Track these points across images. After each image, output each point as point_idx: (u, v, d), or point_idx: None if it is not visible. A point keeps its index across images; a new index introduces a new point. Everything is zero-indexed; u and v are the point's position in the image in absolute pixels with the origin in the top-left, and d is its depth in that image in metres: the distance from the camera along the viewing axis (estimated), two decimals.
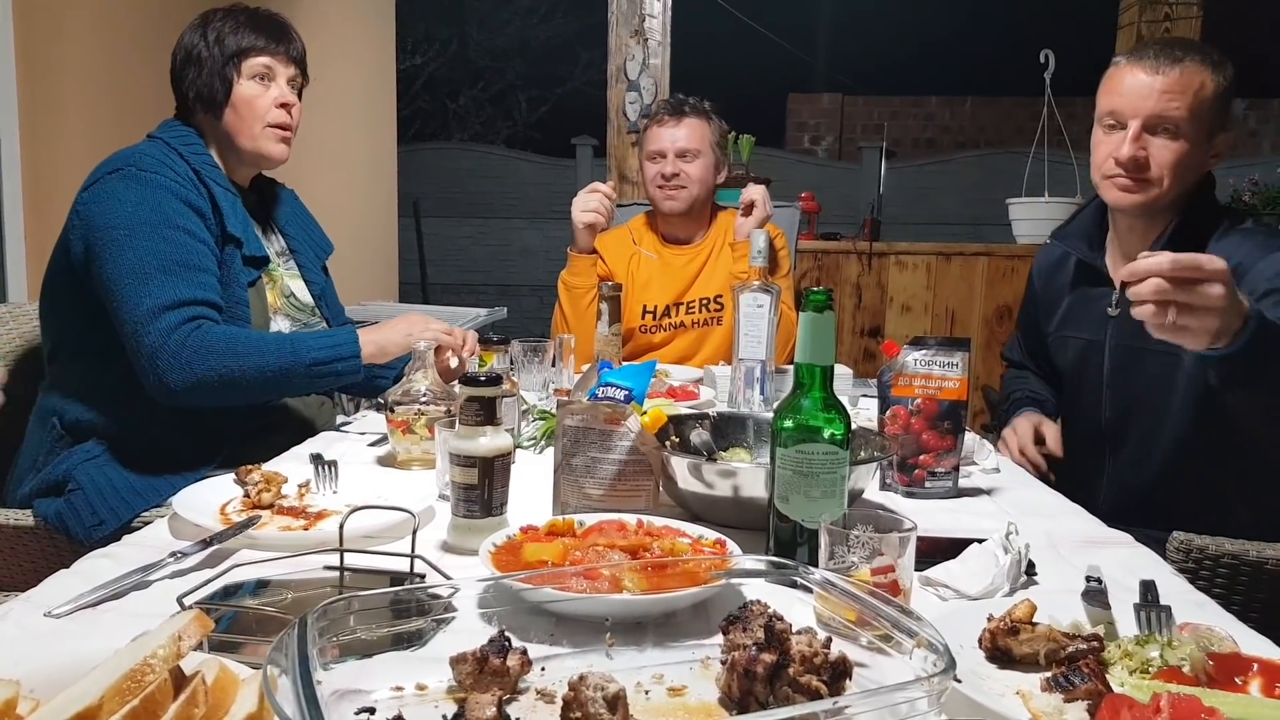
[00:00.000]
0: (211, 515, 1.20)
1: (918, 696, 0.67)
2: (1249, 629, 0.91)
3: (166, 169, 1.62)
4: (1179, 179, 1.58)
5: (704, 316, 2.57)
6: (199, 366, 1.52)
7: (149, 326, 1.52)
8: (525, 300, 10.36)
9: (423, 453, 1.47)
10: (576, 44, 14.55)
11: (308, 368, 1.60)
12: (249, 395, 1.61)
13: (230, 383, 1.54)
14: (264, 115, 1.72)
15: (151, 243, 1.55)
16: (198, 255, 1.59)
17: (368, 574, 1.03)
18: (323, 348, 1.62)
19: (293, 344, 1.60)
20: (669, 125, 2.51)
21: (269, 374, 1.57)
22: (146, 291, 1.53)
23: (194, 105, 1.73)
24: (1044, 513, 1.35)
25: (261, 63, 1.72)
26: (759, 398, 1.83)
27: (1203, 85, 1.55)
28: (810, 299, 1.02)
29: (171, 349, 1.52)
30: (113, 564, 1.04)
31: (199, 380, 1.53)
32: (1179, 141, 1.56)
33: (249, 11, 1.75)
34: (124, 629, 0.85)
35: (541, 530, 1.06)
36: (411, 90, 14.15)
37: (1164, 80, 1.55)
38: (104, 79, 2.70)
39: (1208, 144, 1.59)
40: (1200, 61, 1.55)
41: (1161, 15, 3.73)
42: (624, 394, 1.21)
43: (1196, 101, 1.55)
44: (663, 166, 2.50)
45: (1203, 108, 1.55)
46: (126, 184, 1.59)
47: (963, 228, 9.34)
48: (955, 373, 1.40)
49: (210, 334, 1.55)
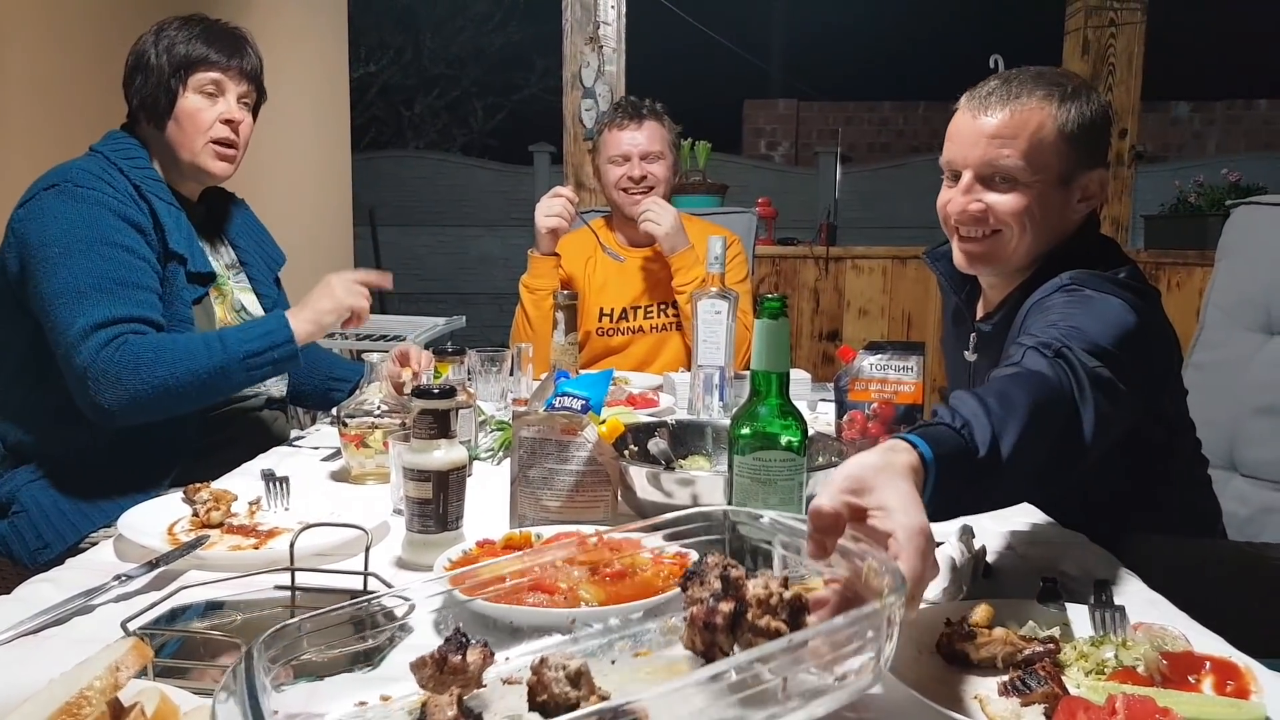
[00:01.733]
0: (158, 536, 1.17)
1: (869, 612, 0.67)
2: (1201, 626, 0.92)
3: (104, 184, 1.58)
4: (1029, 231, 1.38)
5: (663, 321, 2.57)
6: (130, 382, 1.48)
7: (80, 348, 1.48)
8: (484, 309, 10.29)
9: (377, 467, 1.45)
10: (532, 51, 14.51)
11: (242, 361, 1.55)
12: (188, 402, 1.56)
13: (165, 392, 1.50)
14: (206, 130, 1.67)
15: (87, 260, 1.51)
16: (135, 272, 1.55)
17: (320, 593, 1.01)
18: (254, 338, 1.57)
19: (222, 341, 1.55)
20: (630, 129, 2.52)
21: (203, 376, 1.52)
22: (80, 311, 1.49)
23: (139, 114, 1.69)
24: (999, 514, 1.35)
25: (210, 77, 1.67)
26: (718, 404, 1.83)
27: (1041, 126, 1.34)
28: (765, 305, 1.02)
29: (101, 368, 1.47)
30: (55, 589, 1.01)
31: (133, 396, 1.48)
32: (1017, 192, 1.37)
33: (206, 23, 1.71)
34: (66, 656, 0.82)
35: (498, 544, 1.04)
36: (366, 98, 14.02)
37: (994, 124, 1.36)
38: (49, 91, 2.63)
39: (1063, 189, 1.38)
40: (1042, 97, 1.35)
41: (1107, 21, 3.81)
42: (581, 403, 1.21)
43: (1032, 145, 1.34)
44: (629, 169, 2.51)
45: (1045, 151, 1.35)
46: (62, 200, 1.54)
47: (918, 231, 9.43)
48: (911, 376, 1.41)
49: (136, 346, 1.49)
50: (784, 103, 12.48)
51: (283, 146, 3.93)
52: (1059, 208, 1.39)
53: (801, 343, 4.00)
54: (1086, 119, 1.37)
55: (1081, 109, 1.37)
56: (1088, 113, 1.37)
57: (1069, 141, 1.36)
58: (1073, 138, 1.36)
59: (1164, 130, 10.97)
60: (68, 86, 2.69)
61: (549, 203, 2.41)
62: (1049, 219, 1.39)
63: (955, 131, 1.42)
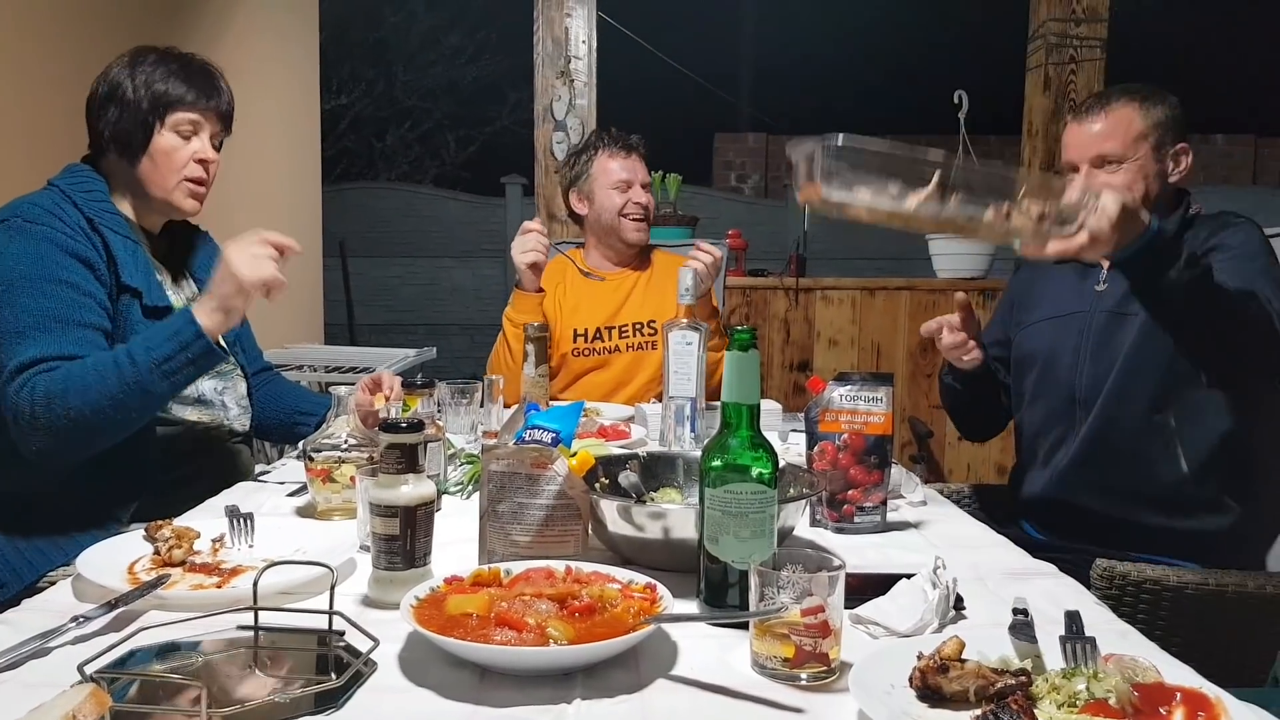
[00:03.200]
0: (118, 575, 1.14)
1: None
2: (1171, 657, 0.92)
3: (54, 219, 1.55)
4: (1138, 191, 1.75)
5: (638, 340, 2.59)
6: (45, 419, 1.43)
7: (5, 390, 1.45)
8: (455, 340, 10.25)
9: (343, 502, 1.43)
10: (504, 84, 14.58)
11: (156, 369, 1.46)
12: (116, 426, 1.49)
13: (83, 422, 1.44)
14: (180, 169, 1.66)
15: (29, 298, 1.48)
16: (78, 310, 1.52)
17: (284, 633, 0.99)
18: (160, 343, 1.48)
19: (130, 356, 1.47)
20: (633, 158, 2.59)
21: (119, 397, 1.45)
22: (15, 351, 1.46)
23: (108, 145, 1.66)
24: (970, 545, 1.36)
25: (188, 117, 1.66)
26: (690, 435, 1.83)
27: (1132, 120, 1.77)
28: (735, 337, 1.02)
29: (21, 409, 1.44)
30: (10, 630, 0.98)
31: (55, 433, 1.43)
32: (1123, 168, 1.77)
33: (182, 59, 1.69)
34: (20, 702, 0.80)
35: (466, 581, 1.03)
36: (337, 130, 14.01)
37: (1102, 126, 1.79)
38: (15, 123, 2.61)
39: (1159, 160, 1.78)
40: (1133, 98, 1.79)
41: (1067, 58, 3.89)
42: (551, 436, 1.19)
43: (1131, 134, 1.77)
44: (634, 195, 2.57)
45: (1137, 137, 1.77)
46: (9, 236, 1.52)
47: (886, 262, 9.54)
48: (880, 407, 1.41)
49: (43, 384, 1.44)
50: (753, 136, 12.64)
51: (253, 177, 3.91)
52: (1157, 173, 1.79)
53: (772, 373, 4.01)
54: (1165, 113, 1.78)
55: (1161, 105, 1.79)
56: (1164, 108, 1.79)
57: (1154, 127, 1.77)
58: (1158, 124, 1.77)
59: None
60: (37, 119, 2.66)
61: (522, 240, 2.42)
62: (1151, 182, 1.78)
63: (1069, 140, 1.84)
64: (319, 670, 0.92)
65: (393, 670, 0.91)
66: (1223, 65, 10.48)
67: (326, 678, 0.87)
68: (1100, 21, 3.90)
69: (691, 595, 1.05)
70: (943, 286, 3.97)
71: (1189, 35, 12.04)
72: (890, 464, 1.44)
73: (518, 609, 0.93)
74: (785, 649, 0.89)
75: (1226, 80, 10.55)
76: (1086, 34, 3.90)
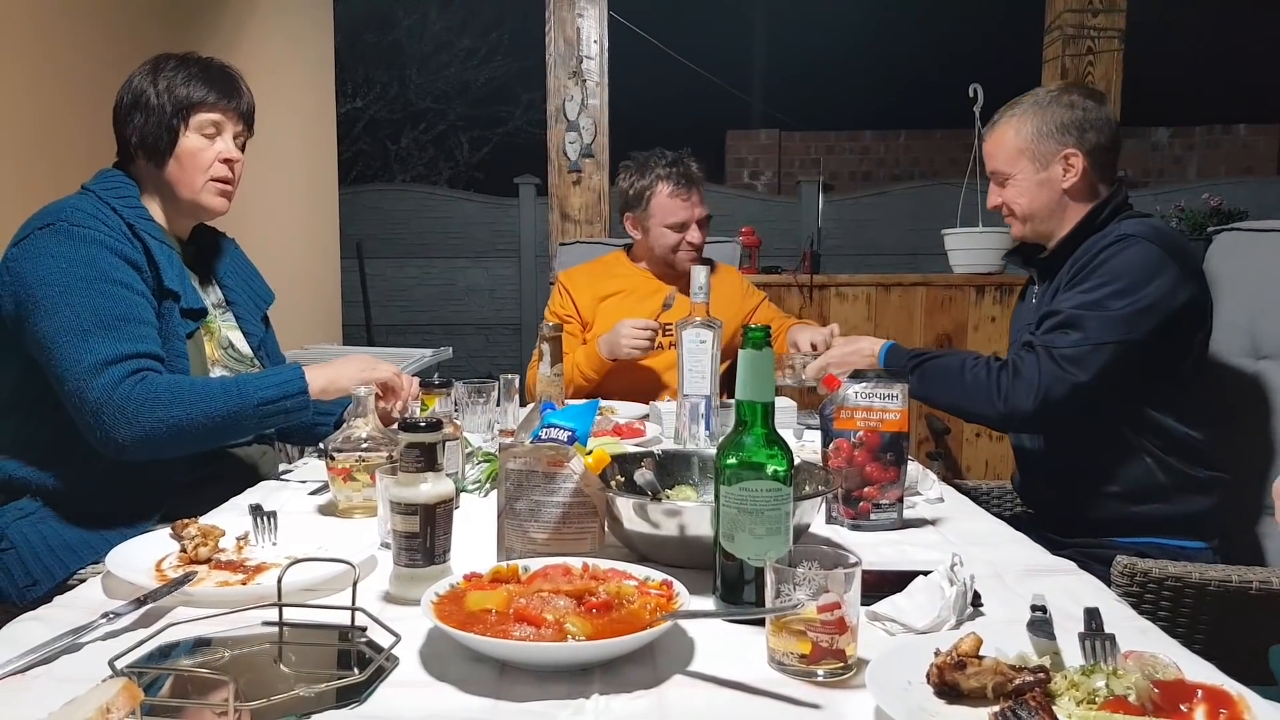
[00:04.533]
0: (146, 572, 1.16)
1: None
2: (1192, 654, 0.92)
3: (99, 223, 1.58)
4: (1030, 204, 1.86)
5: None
6: (146, 419, 1.49)
7: (92, 383, 1.48)
8: (470, 339, 10.28)
9: (364, 500, 1.44)
10: (517, 85, 14.60)
11: (256, 408, 1.57)
12: (199, 443, 1.57)
13: (179, 432, 1.51)
14: (206, 169, 1.70)
15: (88, 298, 1.51)
16: (136, 308, 1.56)
17: (308, 628, 1.00)
18: (269, 386, 1.59)
19: (239, 386, 1.57)
20: (693, 199, 2.62)
21: (217, 419, 1.54)
22: (86, 348, 1.49)
23: (135, 151, 1.70)
24: (988, 542, 1.36)
25: (211, 118, 1.70)
26: (704, 433, 1.83)
27: (1007, 138, 1.86)
28: (749, 336, 1.03)
29: (117, 404, 1.48)
30: (43, 627, 1.00)
31: (147, 433, 1.49)
32: (1011, 183, 1.87)
33: (202, 63, 1.73)
34: (54, 696, 0.81)
35: (485, 577, 1.04)
36: (353, 133, 14.06)
37: (988, 145, 1.91)
38: (39, 128, 2.64)
39: (1041, 169, 1.83)
40: (1011, 116, 1.86)
41: (1084, 49, 3.87)
42: (567, 435, 1.20)
43: (1008, 151, 1.86)
44: (689, 235, 2.63)
45: (1014, 153, 1.85)
46: (58, 239, 1.55)
47: (900, 258, 9.51)
48: (896, 404, 1.41)
49: (155, 385, 1.51)
50: (766, 133, 12.60)
51: (271, 181, 3.94)
52: (1044, 183, 1.84)
53: None
54: (1044, 120, 1.82)
55: (1044, 115, 1.82)
56: (1046, 117, 1.82)
57: (1031, 139, 1.83)
58: (1036, 135, 1.82)
59: (1144, 156, 11.10)
60: (59, 124, 2.69)
61: (639, 332, 2.44)
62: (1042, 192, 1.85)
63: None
64: (342, 665, 0.94)
65: (414, 665, 0.93)
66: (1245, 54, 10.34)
67: (349, 672, 0.89)
68: (1118, 12, 3.87)
69: (707, 592, 1.06)
70: (959, 282, 3.96)
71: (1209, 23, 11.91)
72: (907, 461, 1.44)
73: (536, 605, 0.94)
74: (802, 645, 0.90)
75: (1249, 69, 10.40)
76: (1104, 25, 3.87)
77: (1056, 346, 1.68)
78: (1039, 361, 1.69)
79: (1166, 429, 1.74)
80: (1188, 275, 1.71)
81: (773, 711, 0.85)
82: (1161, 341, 1.68)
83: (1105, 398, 1.70)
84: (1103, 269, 1.70)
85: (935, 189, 10.26)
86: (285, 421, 1.64)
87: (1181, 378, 1.74)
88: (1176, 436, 1.74)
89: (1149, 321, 1.66)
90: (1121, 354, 1.67)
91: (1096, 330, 1.67)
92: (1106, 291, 1.68)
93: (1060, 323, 1.71)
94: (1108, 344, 1.66)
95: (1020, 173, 1.85)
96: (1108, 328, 1.66)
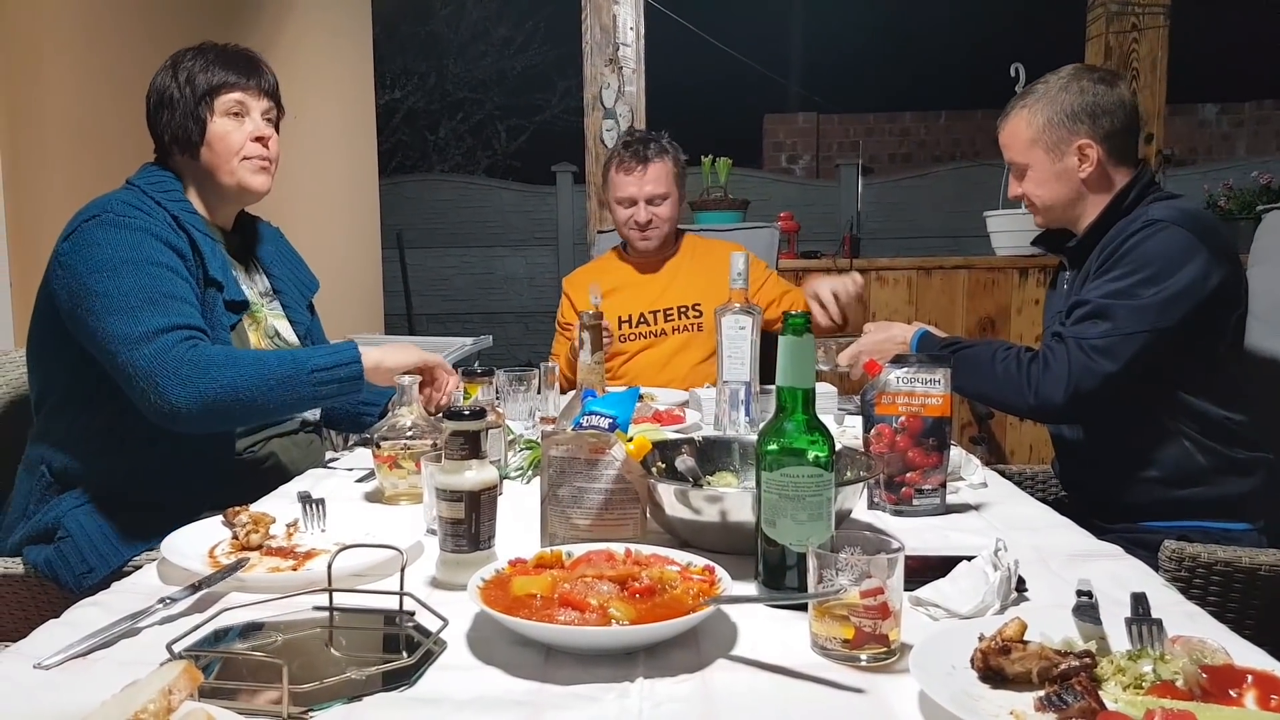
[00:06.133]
0: (200, 559, 1.19)
1: None
2: (1242, 639, 0.91)
3: (143, 214, 1.61)
4: (1049, 196, 1.83)
5: (684, 323, 2.66)
6: (202, 382, 1.48)
7: (143, 350, 1.49)
8: (510, 328, 10.35)
9: (410, 488, 1.47)
10: (553, 73, 14.64)
11: (309, 374, 1.55)
12: (255, 410, 1.55)
13: (236, 396, 1.49)
14: (240, 149, 1.71)
15: (135, 279, 1.53)
16: (181, 289, 1.58)
17: (357, 613, 1.02)
18: (324, 355, 1.60)
19: (292, 355, 1.59)
20: (636, 173, 2.60)
21: (272, 383, 1.52)
22: (136, 321, 1.50)
23: (171, 147, 1.73)
24: (1032, 527, 1.35)
25: (234, 98, 1.71)
26: (744, 419, 1.83)
27: (1019, 130, 1.82)
28: (789, 322, 1.03)
29: (171, 367, 1.48)
30: (102, 612, 1.03)
31: (205, 396, 1.48)
32: (1029, 175, 1.84)
33: (218, 49, 1.75)
34: (114, 678, 0.84)
35: (530, 563, 1.05)
36: (391, 124, 14.20)
37: (1002, 136, 1.88)
38: (85, 127, 2.70)
39: (1056, 160, 1.80)
40: (1022, 107, 1.82)
41: (1129, 26, 3.78)
42: (608, 422, 1.21)
43: (1021, 143, 1.82)
44: (635, 213, 2.62)
45: (1028, 145, 1.81)
46: (105, 229, 1.58)
47: (941, 240, 9.40)
48: (938, 389, 1.41)
49: (208, 350, 1.52)
50: (803, 116, 12.49)
51: (312, 173, 3.99)
52: (1060, 173, 1.81)
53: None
54: (1058, 109, 1.78)
55: (1055, 102, 1.78)
56: (1056, 105, 1.78)
57: (1043, 129, 1.79)
58: (1048, 125, 1.79)
59: (1191, 133, 10.85)
60: (105, 122, 2.75)
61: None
62: (1057, 182, 1.82)
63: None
64: (391, 649, 0.96)
65: (461, 649, 0.94)
66: None
67: (398, 656, 0.91)
68: None
69: (749, 577, 1.07)
70: (1002, 265, 3.91)
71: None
72: (949, 446, 1.43)
73: (580, 590, 0.95)
74: (845, 630, 0.90)
75: None
76: (1149, 1, 3.78)
77: (1086, 337, 1.65)
78: (1069, 353, 1.66)
79: (1202, 412, 1.70)
80: (1219, 257, 1.66)
81: (816, 695, 0.85)
82: (1194, 326, 1.64)
83: (1139, 384, 1.67)
84: (1131, 256, 1.67)
85: (977, 170, 10.12)
86: (339, 392, 1.61)
87: (1217, 360, 1.70)
88: (1213, 419, 1.70)
89: (1181, 308, 1.63)
90: (1153, 342, 1.63)
91: (1126, 319, 1.63)
92: (1136, 279, 1.64)
93: (1089, 313, 1.68)
94: (1139, 333, 1.63)
95: (1036, 164, 1.82)
96: (1137, 316, 1.63)
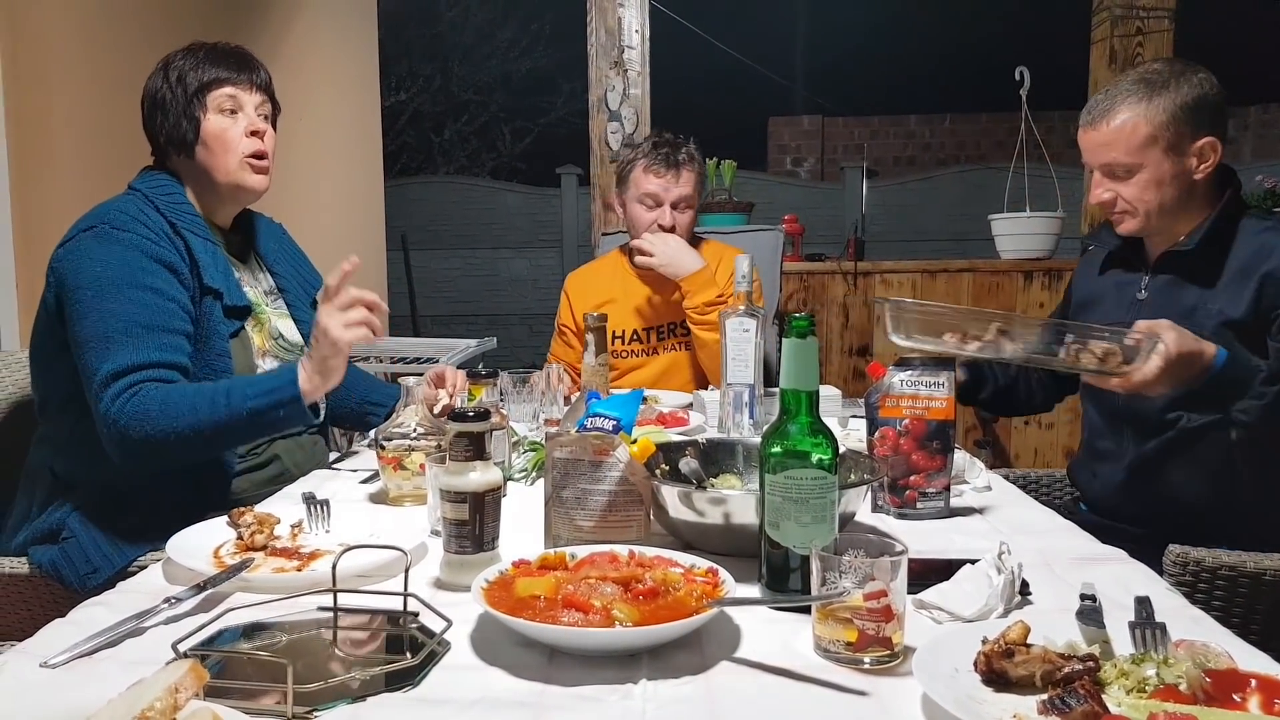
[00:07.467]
0: (205, 559, 1.19)
1: None
2: (1246, 644, 0.91)
3: (140, 225, 1.60)
4: (1154, 200, 1.68)
5: (673, 342, 2.60)
6: (133, 434, 1.49)
7: (100, 396, 1.51)
8: (515, 329, 10.36)
9: (414, 489, 1.47)
10: (558, 75, 14.65)
11: (246, 417, 1.53)
12: (193, 453, 1.56)
13: (165, 446, 1.50)
14: (236, 146, 1.70)
15: (117, 304, 1.53)
16: (163, 315, 1.57)
17: (361, 614, 1.03)
18: (260, 394, 1.54)
19: (228, 396, 1.53)
20: (668, 178, 2.49)
21: (206, 431, 1.51)
22: (105, 357, 1.51)
23: (167, 149, 1.72)
24: (1036, 530, 1.35)
25: (226, 94, 1.70)
26: (748, 422, 1.84)
27: (1135, 127, 1.65)
28: (793, 325, 1.03)
29: (112, 418, 1.49)
30: (108, 612, 1.04)
31: (136, 448, 1.50)
32: (1134, 177, 1.68)
33: (207, 47, 1.74)
34: (120, 677, 0.84)
35: (534, 564, 1.06)
36: (396, 126, 14.22)
37: (1102, 135, 1.69)
38: (93, 129, 2.70)
39: (1176, 160, 1.66)
40: (1137, 101, 1.65)
41: (1134, 30, 3.78)
42: (612, 424, 1.22)
43: (1137, 141, 1.65)
44: (660, 217, 2.50)
45: (1144, 143, 1.65)
46: (98, 242, 1.58)
47: (946, 244, 9.40)
48: (942, 392, 1.41)
49: (145, 399, 1.50)
50: (808, 119, 12.50)
51: (317, 174, 4.00)
52: (1175, 175, 1.67)
53: (831, 358, 3.99)
54: (1177, 105, 1.63)
55: (1172, 98, 1.64)
56: (1176, 100, 1.63)
57: (1163, 127, 1.64)
58: (1168, 123, 1.64)
59: None
60: (112, 124, 2.75)
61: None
62: (1169, 185, 1.67)
63: (1082, 145, 1.74)
64: (394, 650, 0.96)
65: (465, 650, 0.95)
66: None
67: (402, 657, 0.91)
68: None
69: (753, 580, 1.07)
70: (1006, 268, 3.91)
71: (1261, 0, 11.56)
72: (953, 449, 1.43)
73: (584, 591, 0.96)
74: (848, 633, 0.90)
75: None
76: (1153, 4, 3.77)
77: None
78: None
79: None
80: None
81: (819, 698, 0.85)
82: None
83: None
84: None
85: (982, 173, 10.12)
86: (285, 425, 1.61)
87: None
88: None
89: None
90: None
91: None
92: None
93: None
94: None
95: (1151, 165, 1.66)
96: None
